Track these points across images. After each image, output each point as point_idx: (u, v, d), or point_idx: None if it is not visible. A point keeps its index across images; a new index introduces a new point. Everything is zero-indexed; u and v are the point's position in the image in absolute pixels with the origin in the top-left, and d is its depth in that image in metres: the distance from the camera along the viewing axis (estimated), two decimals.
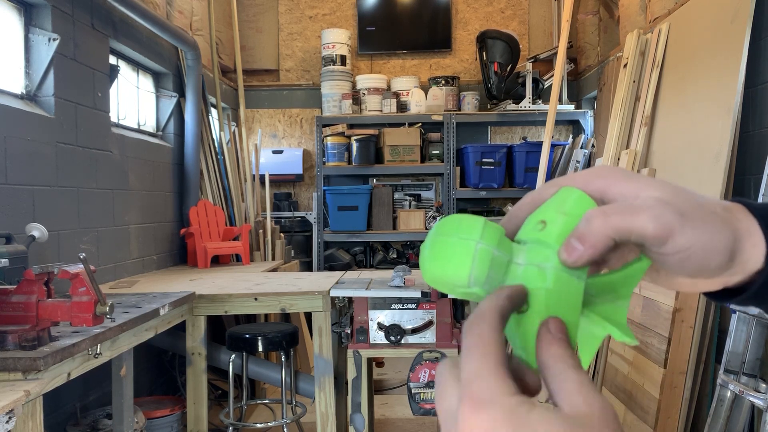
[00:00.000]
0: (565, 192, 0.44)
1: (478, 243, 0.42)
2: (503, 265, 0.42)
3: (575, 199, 0.43)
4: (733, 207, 0.45)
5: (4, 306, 1.79)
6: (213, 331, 4.16)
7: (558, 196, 0.44)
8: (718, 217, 0.43)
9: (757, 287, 0.45)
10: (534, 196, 0.45)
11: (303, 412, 3.43)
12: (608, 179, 0.44)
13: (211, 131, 4.99)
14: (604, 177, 0.44)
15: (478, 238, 0.42)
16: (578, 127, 6.06)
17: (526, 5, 6.43)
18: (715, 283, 0.46)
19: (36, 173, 2.84)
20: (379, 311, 2.98)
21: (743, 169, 2.99)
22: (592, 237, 0.40)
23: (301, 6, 6.53)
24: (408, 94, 6.07)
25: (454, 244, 0.43)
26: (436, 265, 0.43)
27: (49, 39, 2.97)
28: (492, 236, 0.42)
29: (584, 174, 0.45)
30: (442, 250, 0.43)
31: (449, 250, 0.43)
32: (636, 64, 3.97)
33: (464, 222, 0.43)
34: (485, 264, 0.42)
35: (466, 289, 0.43)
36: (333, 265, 5.88)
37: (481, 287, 0.42)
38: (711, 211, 0.43)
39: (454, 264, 0.42)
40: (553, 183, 0.45)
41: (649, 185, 0.43)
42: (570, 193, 0.43)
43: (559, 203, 0.43)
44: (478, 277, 0.42)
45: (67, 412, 2.98)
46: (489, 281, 0.42)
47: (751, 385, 2.46)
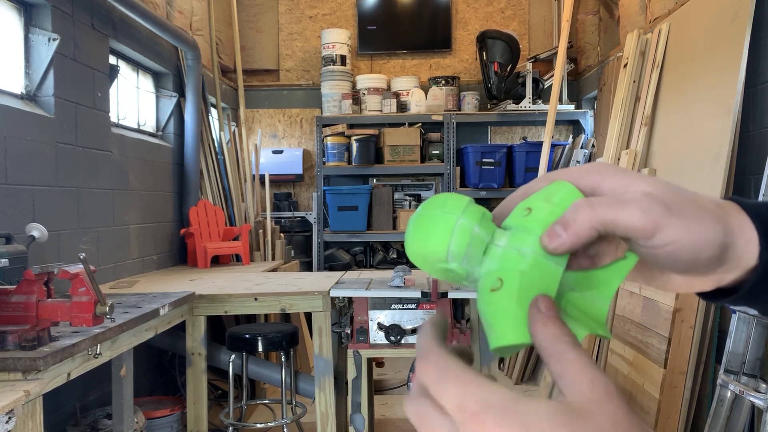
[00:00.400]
0: (556, 185, 0.44)
1: (460, 218, 0.43)
2: (482, 243, 0.43)
3: (565, 192, 0.43)
4: (726, 204, 0.45)
5: (4, 306, 1.79)
6: (213, 331, 4.16)
7: (548, 188, 0.44)
8: (708, 211, 0.43)
9: (750, 285, 0.45)
10: (525, 189, 0.46)
11: (303, 412, 3.43)
12: (601, 175, 0.44)
13: (211, 131, 4.99)
14: (597, 172, 0.44)
15: (460, 213, 0.43)
16: (578, 127, 6.06)
17: (526, 5, 6.43)
18: (709, 282, 0.46)
19: (36, 173, 2.84)
20: (379, 311, 2.98)
21: (743, 169, 2.99)
22: (575, 225, 0.40)
23: (301, 6, 6.53)
24: (408, 94, 6.07)
25: (436, 217, 0.43)
26: (418, 237, 0.44)
27: (49, 39, 2.97)
28: (474, 214, 0.43)
29: (577, 169, 0.45)
30: (424, 223, 0.44)
31: (431, 224, 0.43)
32: (636, 64, 3.97)
33: (449, 199, 0.44)
34: (465, 239, 0.42)
35: (445, 264, 0.43)
36: (333, 265, 5.87)
37: (459, 263, 0.43)
38: (701, 206, 0.43)
39: (435, 237, 0.43)
40: (545, 177, 0.45)
41: (640, 180, 0.43)
42: (561, 186, 0.44)
43: (548, 194, 0.43)
44: (456, 251, 0.43)
45: (67, 412, 2.98)
46: (467, 258, 0.43)
47: (752, 385, 2.46)
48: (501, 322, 0.40)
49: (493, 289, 0.41)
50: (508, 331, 0.40)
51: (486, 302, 0.41)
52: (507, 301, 0.40)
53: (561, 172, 0.45)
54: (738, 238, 0.43)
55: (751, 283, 0.44)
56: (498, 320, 0.40)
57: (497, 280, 0.41)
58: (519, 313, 0.39)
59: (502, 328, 0.40)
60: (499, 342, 0.40)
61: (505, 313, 0.40)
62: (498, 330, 0.40)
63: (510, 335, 0.39)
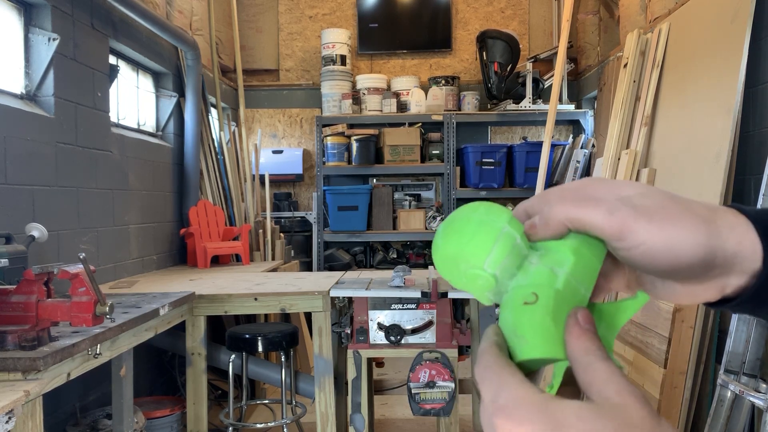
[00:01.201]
0: None
1: (506, 226, 0.43)
2: (520, 257, 0.43)
3: None
4: (721, 209, 0.44)
5: (4, 306, 1.79)
6: (213, 331, 4.16)
7: None
8: (692, 214, 0.42)
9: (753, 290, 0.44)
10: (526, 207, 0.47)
11: (303, 412, 3.43)
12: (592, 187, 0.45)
13: (211, 131, 4.99)
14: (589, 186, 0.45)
15: (506, 222, 0.43)
16: (578, 127, 6.06)
17: (526, 5, 6.43)
18: (712, 291, 0.45)
19: (36, 173, 2.84)
20: (379, 311, 2.97)
21: (743, 169, 2.99)
22: (549, 219, 0.43)
23: (301, 6, 6.53)
24: (408, 94, 6.07)
25: (480, 222, 0.44)
26: (455, 240, 0.44)
27: (49, 39, 2.97)
28: (518, 226, 0.44)
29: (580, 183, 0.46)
30: (465, 227, 0.44)
31: (474, 228, 0.44)
32: (636, 64, 3.97)
33: (493, 207, 0.45)
34: (506, 248, 0.43)
35: (479, 270, 0.43)
36: (333, 265, 5.87)
37: (493, 273, 0.43)
38: (686, 210, 0.42)
39: (477, 241, 0.43)
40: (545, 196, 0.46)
41: (626, 186, 0.44)
42: None
43: None
44: (496, 259, 0.43)
45: (67, 412, 2.98)
46: (503, 269, 0.43)
47: (752, 385, 2.46)
48: (534, 335, 0.40)
49: (526, 302, 0.41)
50: (540, 344, 0.40)
51: (517, 314, 0.41)
52: (542, 315, 0.41)
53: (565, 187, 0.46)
54: (727, 242, 0.42)
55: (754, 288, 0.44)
56: (531, 332, 0.40)
57: (531, 295, 0.41)
58: (552, 327, 0.40)
59: (533, 340, 0.40)
60: (530, 354, 0.40)
61: (539, 326, 0.40)
62: (531, 342, 0.40)
63: (542, 348, 0.40)
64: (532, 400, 0.36)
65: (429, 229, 5.91)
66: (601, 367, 0.38)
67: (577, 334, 0.39)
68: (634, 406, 0.35)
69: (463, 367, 3.37)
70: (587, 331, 0.40)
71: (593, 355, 0.38)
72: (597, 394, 0.37)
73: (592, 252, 0.44)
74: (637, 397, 0.36)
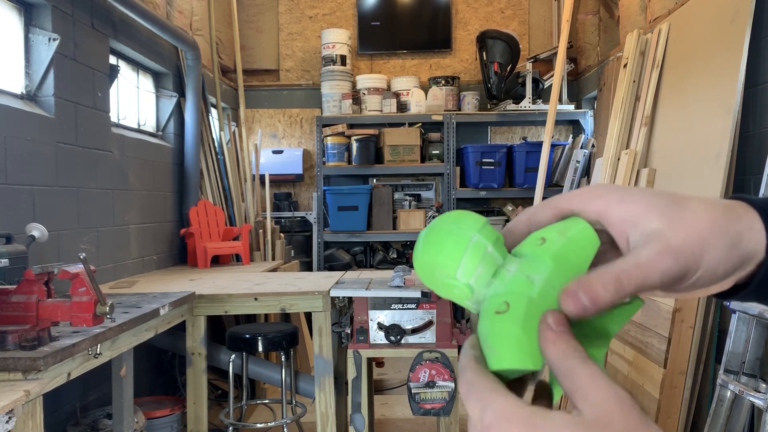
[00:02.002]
0: (571, 221, 0.44)
1: (475, 235, 0.43)
2: (493, 264, 0.43)
3: (580, 229, 0.43)
4: (734, 205, 0.44)
5: (4, 306, 1.79)
6: (213, 331, 4.16)
7: (564, 222, 0.44)
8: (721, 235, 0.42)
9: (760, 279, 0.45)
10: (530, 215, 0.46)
11: (303, 412, 3.43)
12: (605, 199, 0.44)
13: (211, 131, 4.99)
14: (600, 197, 0.44)
15: (476, 231, 0.43)
16: (578, 127, 6.06)
17: (526, 5, 6.43)
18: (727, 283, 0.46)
19: (36, 173, 2.84)
20: (379, 311, 2.98)
21: (743, 169, 2.99)
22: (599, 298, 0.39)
23: (301, 6, 6.53)
24: (408, 94, 6.07)
25: (451, 232, 0.43)
26: (429, 249, 0.44)
27: (49, 39, 2.97)
28: (489, 235, 0.43)
29: (581, 194, 0.45)
30: (438, 236, 0.44)
31: (445, 237, 0.43)
32: (636, 64, 3.97)
33: (466, 216, 0.44)
34: (477, 257, 0.42)
35: (452, 280, 0.43)
36: (333, 265, 5.87)
37: (467, 281, 0.42)
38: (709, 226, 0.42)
39: (447, 251, 0.43)
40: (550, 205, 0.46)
41: (648, 212, 0.42)
42: (576, 222, 0.44)
43: (563, 228, 0.44)
44: (467, 269, 0.42)
45: (67, 412, 2.98)
46: (476, 277, 0.42)
47: (751, 385, 2.46)
48: (502, 345, 0.39)
49: (498, 312, 0.40)
50: (507, 354, 0.39)
51: (489, 324, 0.41)
52: (511, 324, 0.39)
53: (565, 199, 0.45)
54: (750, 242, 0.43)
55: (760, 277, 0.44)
56: (499, 342, 0.39)
57: (503, 303, 0.40)
58: (522, 337, 0.39)
59: (502, 351, 0.39)
60: (497, 365, 0.39)
61: (508, 335, 0.39)
62: (498, 352, 0.39)
63: (509, 358, 0.39)
64: (517, 415, 0.35)
65: None
66: (582, 371, 0.36)
67: (552, 339, 0.38)
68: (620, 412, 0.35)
69: None
70: (561, 333, 0.38)
71: (571, 358, 0.37)
72: (581, 401, 0.36)
73: (578, 256, 0.43)
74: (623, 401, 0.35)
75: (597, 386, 0.36)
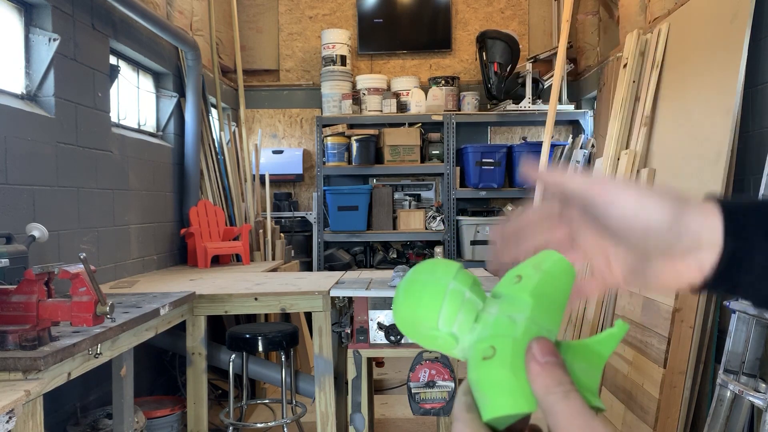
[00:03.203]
0: (544, 254, 0.45)
1: (451, 282, 0.43)
2: (473, 309, 0.42)
3: (554, 261, 0.44)
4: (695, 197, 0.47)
5: (5, 306, 1.80)
6: (213, 331, 4.16)
7: (537, 256, 0.45)
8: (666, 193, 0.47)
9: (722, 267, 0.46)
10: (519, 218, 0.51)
11: (303, 412, 3.43)
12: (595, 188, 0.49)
13: (211, 131, 4.99)
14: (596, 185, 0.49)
15: (450, 278, 0.43)
16: (578, 127, 6.06)
17: (526, 5, 6.43)
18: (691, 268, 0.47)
19: (36, 173, 2.85)
20: (379, 311, 2.98)
21: (743, 169, 2.99)
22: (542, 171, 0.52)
23: (301, 6, 6.53)
24: (408, 94, 6.07)
25: (426, 283, 0.43)
26: (407, 303, 0.43)
27: (50, 39, 2.97)
28: (465, 280, 0.43)
29: None
30: (414, 289, 0.43)
31: (421, 289, 0.43)
32: (636, 64, 3.97)
33: (438, 265, 0.44)
34: (456, 304, 0.42)
35: (435, 331, 0.42)
36: (333, 265, 5.88)
37: (450, 330, 0.42)
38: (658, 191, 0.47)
39: (425, 302, 0.42)
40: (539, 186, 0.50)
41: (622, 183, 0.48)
42: (549, 255, 0.44)
43: (537, 262, 0.44)
44: (448, 317, 0.42)
45: (67, 412, 2.98)
46: (458, 324, 0.42)
47: (751, 385, 2.46)
48: (494, 392, 0.38)
49: (485, 358, 0.40)
50: (500, 401, 0.38)
51: (477, 371, 0.40)
52: (500, 369, 0.39)
53: None
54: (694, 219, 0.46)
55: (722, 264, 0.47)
56: (490, 390, 0.39)
57: (489, 348, 0.40)
58: (513, 380, 0.38)
59: (494, 398, 0.38)
60: (492, 413, 0.38)
61: (499, 381, 0.38)
62: (491, 400, 0.38)
63: (503, 405, 0.38)
64: None
65: (429, 229, 5.91)
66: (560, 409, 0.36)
67: (536, 372, 0.38)
68: None
69: (462, 367, 3.37)
70: (545, 365, 0.38)
71: (552, 394, 0.37)
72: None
73: (556, 288, 0.43)
74: None
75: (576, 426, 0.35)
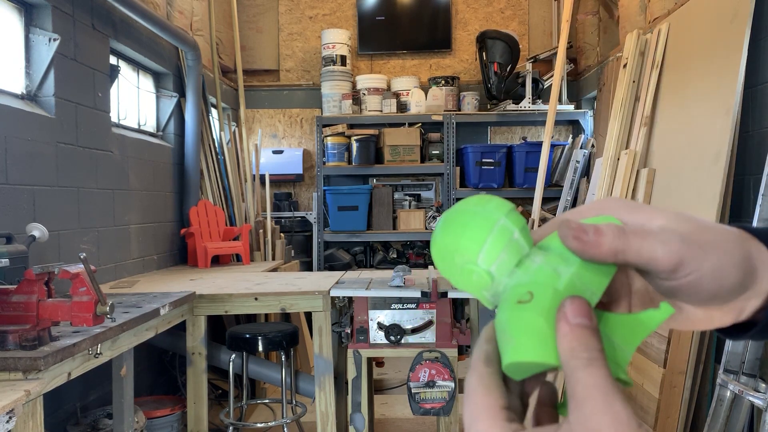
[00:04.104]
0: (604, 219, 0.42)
1: (502, 219, 0.40)
2: (518, 253, 0.40)
3: None
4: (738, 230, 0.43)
5: (5, 306, 1.80)
6: (213, 331, 4.16)
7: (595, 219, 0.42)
8: (726, 237, 0.42)
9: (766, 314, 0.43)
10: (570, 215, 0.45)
11: (303, 412, 3.43)
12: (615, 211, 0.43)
13: (212, 131, 4.99)
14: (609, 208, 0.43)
15: (503, 215, 0.40)
16: (578, 127, 6.06)
17: (526, 5, 6.43)
18: (729, 315, 0.44)
19: (36, 173, 2.85)
20: (379, 311, 2.98)
21: (743, 169, 2.99)
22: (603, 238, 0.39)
23: (301, 6, 6.53)
24: (408, 94, 6.07)
25: (475, 214, 0.40)
26: (450, 232, 0.41)
27: (50, 39, 2.97)
28: (517, 221, 0.40)
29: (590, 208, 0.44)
30: (460, 218, 0.41)
31: (470, 219, 0.40)
32: (636, 64, 3.97)
33: (491, 200, 0.41)
34: (501, 242, 0.40)
35: (473, 265, 0.40)
36: (333, 265, 5.88)
37: (488, 266, 0.40)
38: (720, 233, 0.42)
39: (471, 233, 0.40)
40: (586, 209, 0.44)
41: (655, 215, 0.42)
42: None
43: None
44: (489, 253, 0.40)
45: (67, 412, 2.98)
46: (498, 264, 0.40)
47: (751, 385, 2.46)
48: (522, 336, 0.36)
49: (520, 301, 0.37)
50: (527, 346, 0.36)
51: (509, 314, 0.38)
52: (534, 315, 0.37)
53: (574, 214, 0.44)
54: (758, 262, 0.42)
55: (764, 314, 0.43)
56: (519, 333, 0.36)
57: (527, 293, 0.38)
58: (545, 329, 0.36)
59: (521, 342, 0.36)
60: (515, 357, 0.36)
61: (530, 326, 0.36)
62: (517, 343, 0.36)
63: (529, 351, 0.36)
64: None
65: (429, 229, 5.91)
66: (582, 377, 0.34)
67: (563, 332, 0.35)
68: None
69: (463, 367, 3.37)
70: (575, 327, 0.35)
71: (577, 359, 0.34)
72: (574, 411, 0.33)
73: None
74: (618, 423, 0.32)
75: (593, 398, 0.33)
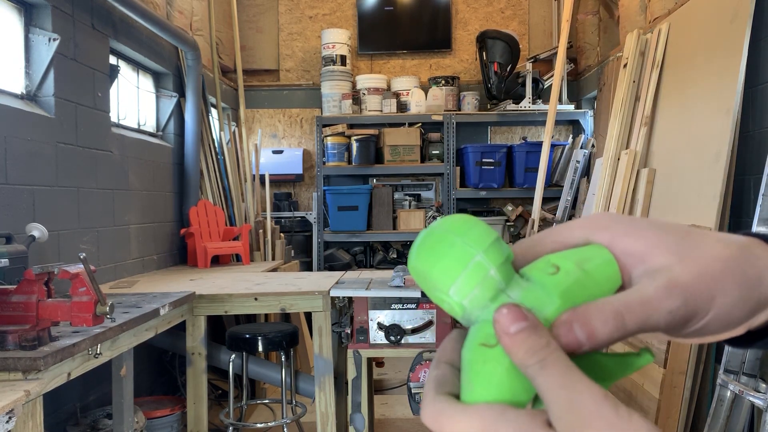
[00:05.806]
0: (594, 248, 0.40)
1: (479, 254, 0.37)
2: (493, 289, 0.37)
3: (601, 263, 0.39)
4: (751, 243, 0.41)
5: (4, 306, 1.80)
6: (213, 331, 4.16)
7: (585, 249, 0.40)
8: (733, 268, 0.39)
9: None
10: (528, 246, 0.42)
11: (303, 412, 3.43)
12: (610, 231, 0.40)
13: (211, 131, 4.99)
14: (605, 228, 0.40)
15: (481, 250, 0.37)
16: (578, 127, 6.06)
17: (526, 5, 6.43)
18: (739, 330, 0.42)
19: (36, 173, 2.84)
20: (379, 311, 2.98)
21: (743, 169, 2.99)
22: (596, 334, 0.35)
23: (301, 6, 6.53)
24: (408, 94, 6.07)
25: (453, 246, 0.38)
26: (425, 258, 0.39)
27: (49, 39, 2.97)
28: (496, 256, 0.38)
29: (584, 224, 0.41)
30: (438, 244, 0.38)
31: (446, 248, 0.38)
32: (636, 64, 3.97)
33: (475, 228, 0.38)
34: (475, 279, 0.37)
35: (445, 296, 0.38)
36: (333, 265, 5.88)
37: (460, 302, 0.38)
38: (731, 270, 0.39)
39: (444, 264, 0.38)
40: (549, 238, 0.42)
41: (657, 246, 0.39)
42: (598, 251, 0.39)
43: (583, 258, 0.39)
44: (461, 289, 0.37)
45: (67, 412, 2.98)
46: (472, 300, 0.37)
47: (751, 385, 2.46)
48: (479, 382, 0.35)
49: (483, 344, 0.36)
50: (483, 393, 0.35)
51: (472, 354, 0.36)
52: (495, 364, 0.35)
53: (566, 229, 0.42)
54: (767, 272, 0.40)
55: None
56: (477, 379, 0.35)
57: (492, 336, 0.35)
58: (504, 380, 0.35)
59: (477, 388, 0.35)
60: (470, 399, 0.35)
61: (490, 375, 0.35)
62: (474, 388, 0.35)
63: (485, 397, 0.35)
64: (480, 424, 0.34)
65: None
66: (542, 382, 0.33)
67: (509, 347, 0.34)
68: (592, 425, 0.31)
69: None
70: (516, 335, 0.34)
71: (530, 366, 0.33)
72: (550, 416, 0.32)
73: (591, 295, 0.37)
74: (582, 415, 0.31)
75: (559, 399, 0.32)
